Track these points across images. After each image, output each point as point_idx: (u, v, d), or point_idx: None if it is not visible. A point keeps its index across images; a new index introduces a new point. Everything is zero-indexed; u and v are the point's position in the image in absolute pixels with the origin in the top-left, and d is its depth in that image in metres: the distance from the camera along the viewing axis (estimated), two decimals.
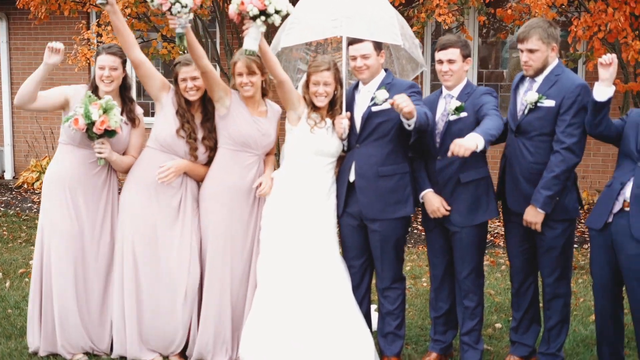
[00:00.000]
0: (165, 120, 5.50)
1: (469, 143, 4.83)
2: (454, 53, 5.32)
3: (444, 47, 5.35)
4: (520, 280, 5.53)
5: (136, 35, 10.88)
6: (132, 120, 5.67)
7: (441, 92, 5.50)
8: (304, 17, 5.58)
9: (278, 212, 5.46)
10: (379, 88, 5.40)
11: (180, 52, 9.27)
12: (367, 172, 5.39)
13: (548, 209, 5.14)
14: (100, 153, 5.39)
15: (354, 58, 5.40)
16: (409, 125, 5.03)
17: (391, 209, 5.39)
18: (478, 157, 5.28)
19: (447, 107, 5.38)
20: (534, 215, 5.17)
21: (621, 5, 7.91)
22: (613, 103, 5.38)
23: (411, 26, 9.59)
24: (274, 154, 5.75)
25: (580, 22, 8.27)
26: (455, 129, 5.29)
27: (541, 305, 5.61)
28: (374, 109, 5.35)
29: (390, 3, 9.33)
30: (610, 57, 4.92)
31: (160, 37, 10.58)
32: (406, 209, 5.44)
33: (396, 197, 5.40)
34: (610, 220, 5.02)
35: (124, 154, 5.60)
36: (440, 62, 5.37)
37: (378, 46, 5.42)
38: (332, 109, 5.47)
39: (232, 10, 5.01)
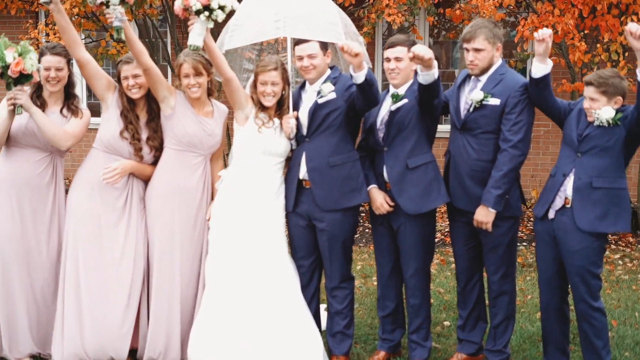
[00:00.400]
0: (109, 121, 5.44)
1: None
2: (401, 51, 5.34)
3: (391, 46, 5.39)
4: (466, 278, 5.58)
5: (85, 34, 10.81)
6: (75, 112, 5.57)
7: (388, 90, 5.54)
8: (246, 19, 5.58)
9: (226, 212, 5.44)
10: (324, 82, 5.43)
11: None
12: (319, 164, 5.40)
13: (499, 207, 5.20)
14: (16, 99, 5.20)
15: (301, 58, 5.41)
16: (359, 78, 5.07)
17: (347, 198, 5.40)
18: (422, 142, 5.39)
19: (390, 102, 5.43)
20: (485, 215, 5.22)
21: (568, 7, 8.01)
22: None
23: (361, 26, 9.71)
24: (223, 153, 5.73)
25: (527, 23, 8.37)
26: (398, 117, 5.36)
27: (487, 302, 5.66)
28: (320, 100, 5.38)
29: (341, 4, 9.51)
30: (543, 33, 5.02)
31: (109, 37, 10.47)
32: (361, 196, 5.46)
33: (350, 185, 5.42)
34: (553, 216, 5.09)
35: None
36: (388, 60, 5.41)
37: (324, 46, 5.44)
38: (280, 108, 5.48)
39: (177, 5, 5.03)
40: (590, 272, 5.03)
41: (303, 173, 5.44)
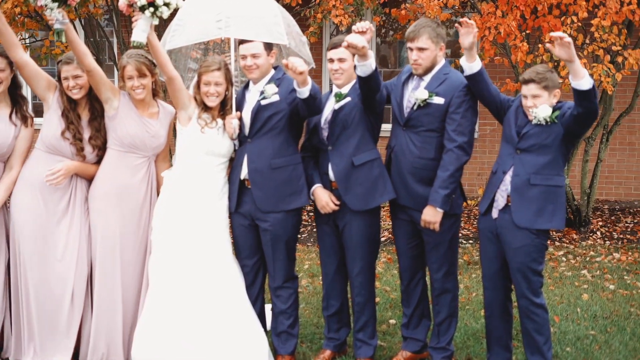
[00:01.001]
0: (50, 121, 5.39)
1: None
2: (344, 52, 5.36)
3: (334, 46, 5.41)
4: (409, 276, 5.63)
5: (29, 34, 10.64)
6: (25, 119, 5.51)
7: (331, 90, 5.56)
8: (188, 19, 5.55)
9: (170, 212, 5.41)
10: (268, 83, 5.43)
11: None
12: (260, 166, 5.41)
13: (446, 207, 5.25)
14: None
15: (244, 57, 5.41)
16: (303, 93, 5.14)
17: (287, 201, 5.42)
18: (367, 140, 5.44)
19: (333, 101, 5.47)
20: (433, 215, 5.27)
21: (510, 9, 8.10)
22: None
23: (308, 26, 9.72)
24: (169, 154, 5.70)
25: None
26: (342, 116, 5.40)
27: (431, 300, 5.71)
28: (263, 102, 5.39)
29: (287, 4, 9.51)
30: (467, 23, 5.14)
31: (52, 36, 10.32)
32: (301, 199, 5.48)
33: (291, 188, 5.43)
34: (496, 216, 5.16)
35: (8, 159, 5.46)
36: (331, 61, 5.43)
37: (268, 46, 5.44)
38: (224, 109, 5.47)
39: (122, 1, 4.98)
40: (531, 269, 5.10)
41: (244, 173, 5.44)
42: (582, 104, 4.82)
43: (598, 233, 9.97)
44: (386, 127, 5.56)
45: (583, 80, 4.73)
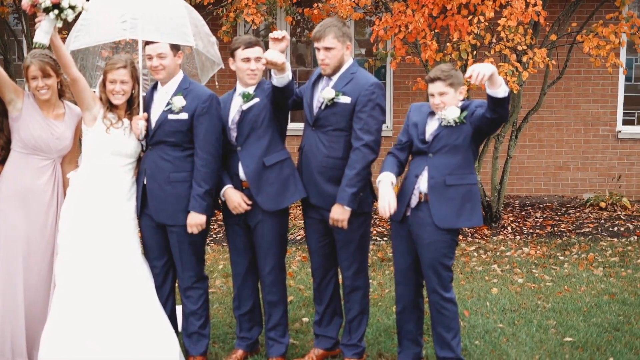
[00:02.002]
0: None
1: None
2: (261, 51, 5.42)
3: (249, 45, 5.45)
4: (321, 275, 5.66)
5: None
6: None
7: (235, 89, 5.56)
8: (92, 19, 5.47)
9: (76, 214, 5.33)
10: (175, 93, 5.38)
11: None
12: (158, 177, 5.38)
13: (354, 205, 5.28)
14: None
15: (150, 57, 5.36)
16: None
17: (181, 216, 5.38)
18: (277, 140, 5.48)
19: (241, 101, 5.47)
20: (340, 213, 5.29)
21: (419, 8, 8.22)
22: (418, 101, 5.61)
23: (220, 26, 9.69)
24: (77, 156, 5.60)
25: (381, 22, 8.54)
26: (251, 116, 5.42)
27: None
28: (170, 116, 5.34)
29: (199, 3, 9.45)
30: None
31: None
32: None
33: (186, 203, 5.37)
34: (408, 213, 5.23)
35: None
36: (248, 60, 5.45)
37: (175, 46, 5.40)
38: (130, 108, 5.42)
39: (25, 1, 4.86)
40: (442, 264, 5.19)
41: (146, 180, 5.42)
42: (496, 110, 4.91)
43: (509, 228, 10.19)
44: (297, 127, 5.59)
45: (500, 89, 4.83)
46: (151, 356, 5.25)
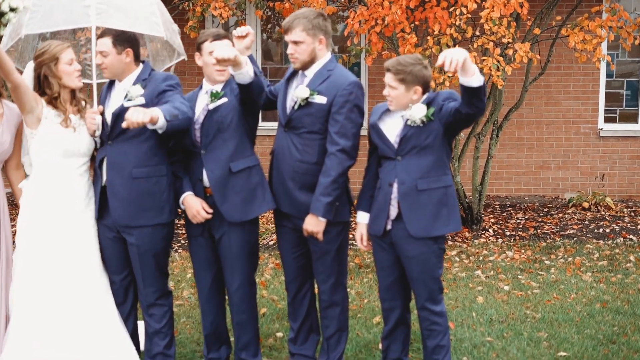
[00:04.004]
0: None
1: None
2: (230, 43, 4.96)
3: (219, 38, 4.97)
4: (296, 288, 5.20)
5: None
6: None
7: (201, 87, 5.08)
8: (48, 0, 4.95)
9: (31, 227, 4.87)
10: (135, 84, 4.90)
11: None
12: (120, 173, 4.88)
13: (329, 215, 4.82)
14: None
15: (97, 54, 4.89)
16: (160, 129, 4.61)
17: (146, 216, 4.91)
18: (245, 144, 4.99)
19: (207, 100, 4.99)
20: (315, 225, 4.83)
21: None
22: None
23: (187, 20, 9.20)
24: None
25: (356, 15, 8.10)
26: (217, 117, 4.93)
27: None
28: (126, 104, 4.83)
29: None
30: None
31: None
32: (162, 216, 4.95)
33: (152, 202, 4.91)
34: (390, 227, 4.78)
35: None
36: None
37: (120, 43, 4.89)
38: (77, 102, 4.96)
39: None
40: (431, 276, 4.76)
41: (104, 180, 4.92)
42: (472, 102, 4.41)
43: (490, 230, 9.79)
44: (269, 126, 5.11)
45: (473, 78, 4.32)
46: None
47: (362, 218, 4.95)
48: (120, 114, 4.82)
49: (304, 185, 4.88)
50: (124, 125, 4.45)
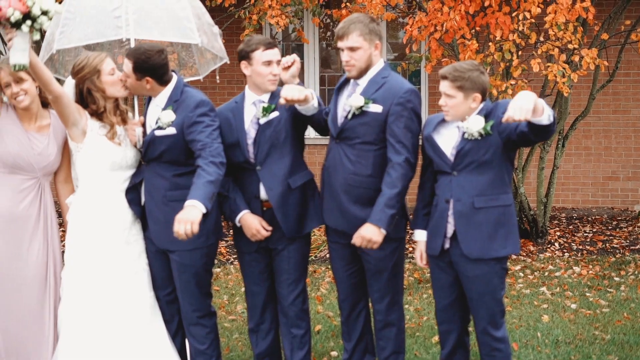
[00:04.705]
0: None
1: None
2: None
3: (272, 46, 4.78)
4: (349, 307, 4.96)
5: None
6: None
7: (243, 97, 4.90)
8: (80, 11, 4.80)
9: (80, 244, 4.74)
10: (165, 107, 4.72)
11: None
12: (156, 196, 4.74)
13: (390, 228, 4.59)
14: None
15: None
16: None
17: (183, 240, 4.72)
18: (300, 160, 4.85)
19: (257, 112, 4.80)
20: (377, 235, 4.55)
21: (456, 4, 7.54)
22: None
23: (243, 29, 9.06)
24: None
25: (415, 22, 7.86)
26: (270, 132, 4.75)
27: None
28: (157, 133, 4.68)
29: (220, 4, 8.84)
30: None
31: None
32: (200, 239, 4.73)
33: None
34: (447, 245, 4.53)
35: None
36: (269, 63, 4.76)
37: (140, 70, 4.69)
38: (121, 113, 4.83)
39: None
40: (492, 298, 4.49)
41: (143, 200, 4.80)
42: (539, 135, 4.19)
43: (556, 244, 9.42)
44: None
45: (544, 116, 4.09)
46: None
47: (420, 236, 4.72)
48: (152, 141, 4.69)
49: (359, 199, 4.66)
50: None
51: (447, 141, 4.51)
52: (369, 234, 4.58)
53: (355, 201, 4.66)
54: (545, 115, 4.09)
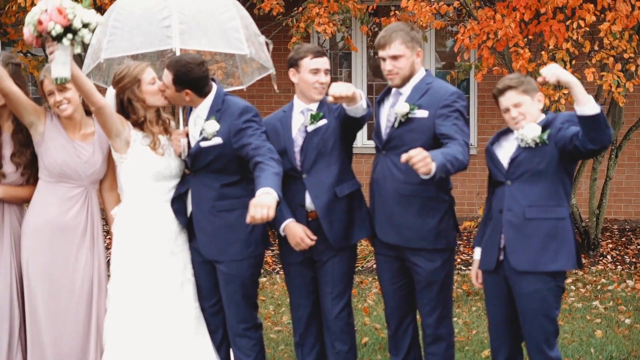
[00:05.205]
0: None
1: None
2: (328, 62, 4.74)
3: (322, 54, 4.74)
4: (397, 321, 4.85)
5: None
6: None
7: (292, 107, 4.84)
8: (128, 20, 4.77)
9: (126, 256, 4.73)
10: (208, 117, 4.67)
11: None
12: (204, 207, 4.69)
13: (440, 174, 4.15)
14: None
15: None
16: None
17: (231, 250, 4.69)
18: (348, 169, 4.75)
19: (304, 120, 4.74)
20: (426, 158, 4.06)
21: (510, 12, 7.40)
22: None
23: (290, 37, 9.02)
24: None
25: (466, 30, 7.73)
26: (318, 140, 4.67)
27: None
28: (203, 144, 4.63)
29: (268, 12, 8.80)
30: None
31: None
32: (248, 249, 4.71)
33: (237, 235, 4.68)
34: (502, 257, 4.40)
35: None
36: (317, 71, 4.70)
37: (180, 82, 4.66)
38: (163, 123, 4.80)
39: (28, 33, 4.12)
40: (546, 316, 4.34)
41: (189, 211, 4.75)
42: (591, 135, 4.02)
43: (609, 257, 9.20)
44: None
45: (587, 105, 3.96)
46: None
47: (478, 254, 4.62)
48: (198, 153, 4.65)
49: (411, 208, 4.56)
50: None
51: (506, 152, 4.42)
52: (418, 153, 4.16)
53: (408, 211, 4.56)
54: (590, 105, 3.95)
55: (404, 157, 4.07)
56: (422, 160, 4.03)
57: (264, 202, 4.12)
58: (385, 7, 9.98)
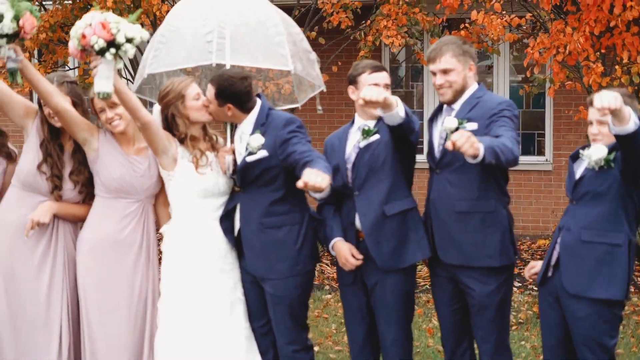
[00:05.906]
0: (28, 153, 4.68)
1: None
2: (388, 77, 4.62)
3: (378, 70, 4.61)
4: (453, 346, 4.68)
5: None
6: (8, 155, 4.88)
7: (352, 123, 4.74)
8: (174, 35, 4.74)
9: (176, 275, 4.68)
10: (253, 132, 4.60)
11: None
12: (251, 222, 4.61)
13: (488, 156, 3.94)
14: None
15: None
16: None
17: (279, 268, 4.58)
18: (401, 187, 4.57)
19: (359, 137, 4.64)
20: (471, 141, 3.85)
21: (580, 25, 7.14)
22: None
23: (359, 50, 8.93)
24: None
25: (537, 44, 7.49)
26: (369, 156, 4.55)
27: None
28: (249, 159, 4.56)
29: (336, 26, 8.73)
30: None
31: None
32: (297, 267, 4.60)
33: (285, 252, 4.58)
34: (550, 274, 4.24)
35: None
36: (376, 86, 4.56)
37: (222, 96, 4.60)
38: (210, 139, 4.76)
39: (73, 47, 4.12)
40: (599, 344, 4.13)
41: (237, 228, 4.67)
42: (631, 155, 3.84)
43: None
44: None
45: (629, 124, 3.71)
46: None
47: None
48: (244, 168, 4.58)
49: (469, 225, 4.40)
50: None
51: (579, 170, 4.25)
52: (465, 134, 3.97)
53: (465, 228, 4.41)
54: (632, 122, 3.71)
55: (448, 144, 3.89)
56: (466, 141, 3.84)
57: (318, 172, 4.00)
58: (456, 19, 9.80)
